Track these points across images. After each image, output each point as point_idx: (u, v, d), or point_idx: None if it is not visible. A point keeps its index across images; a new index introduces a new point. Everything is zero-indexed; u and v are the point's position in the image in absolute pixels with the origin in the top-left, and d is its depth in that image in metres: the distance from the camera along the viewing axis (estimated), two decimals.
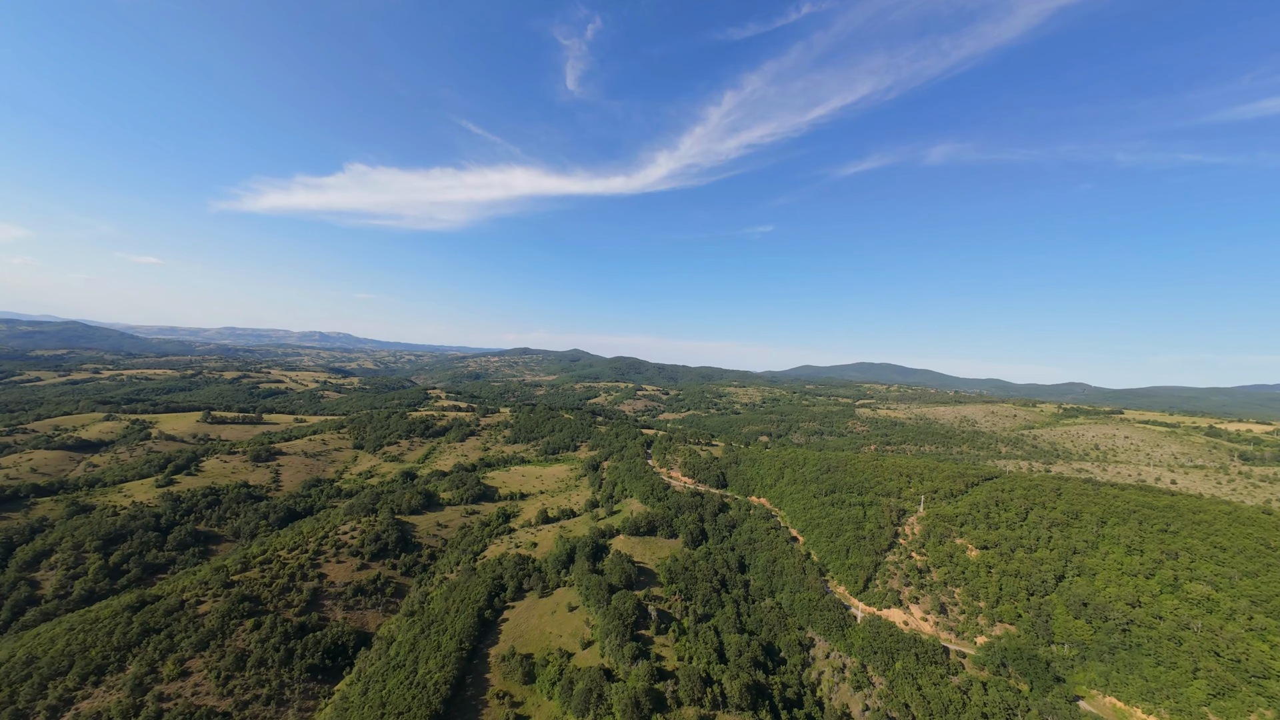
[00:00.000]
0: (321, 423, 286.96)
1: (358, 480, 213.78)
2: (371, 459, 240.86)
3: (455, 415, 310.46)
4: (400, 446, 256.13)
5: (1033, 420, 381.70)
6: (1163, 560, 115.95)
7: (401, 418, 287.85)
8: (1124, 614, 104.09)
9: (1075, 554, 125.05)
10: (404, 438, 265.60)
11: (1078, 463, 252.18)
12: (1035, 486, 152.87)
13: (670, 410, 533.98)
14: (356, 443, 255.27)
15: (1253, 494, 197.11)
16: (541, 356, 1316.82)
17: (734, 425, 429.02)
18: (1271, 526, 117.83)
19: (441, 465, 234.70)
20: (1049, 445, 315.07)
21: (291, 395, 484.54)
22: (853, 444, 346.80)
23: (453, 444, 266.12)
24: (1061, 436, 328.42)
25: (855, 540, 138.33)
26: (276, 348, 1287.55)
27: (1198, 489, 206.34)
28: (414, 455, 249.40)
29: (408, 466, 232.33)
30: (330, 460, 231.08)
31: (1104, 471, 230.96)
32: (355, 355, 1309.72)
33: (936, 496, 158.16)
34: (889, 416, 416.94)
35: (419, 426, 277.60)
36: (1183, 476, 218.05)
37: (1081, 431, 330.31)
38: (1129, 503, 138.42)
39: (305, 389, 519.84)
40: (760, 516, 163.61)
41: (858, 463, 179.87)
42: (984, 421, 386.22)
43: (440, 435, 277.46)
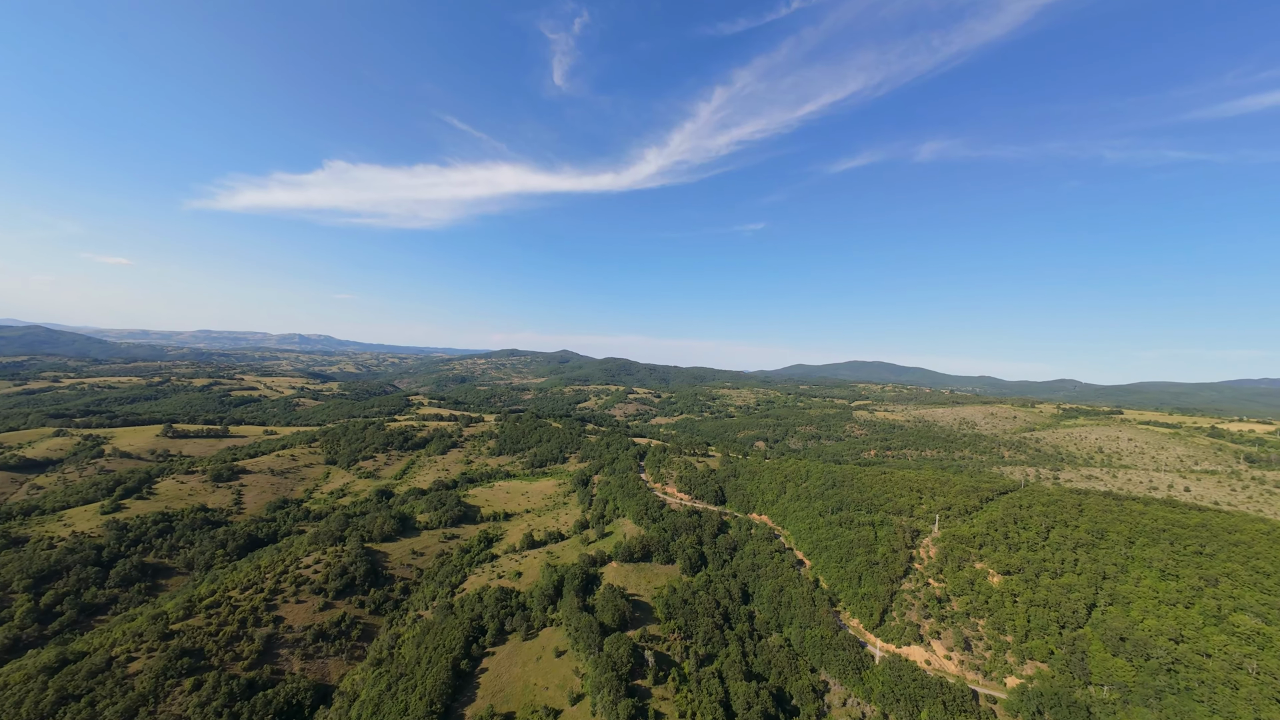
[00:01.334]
0: (293, 435, 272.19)
1: (328, 500, 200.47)
2: (345, 476, 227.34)
3: (437, 425, 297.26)
4: (377, 461, 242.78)
5: (1032, 422, 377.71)
6: (1202, 587, 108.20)
7: (379, 429, 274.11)
8: (1168, 651, 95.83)
9: (1105, 579, 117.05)
10: (381, 451, 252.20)
11: (1085, 468, 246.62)
12: (1055, 502, 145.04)
13: (663, 414, 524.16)
14: (329, 457, 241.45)
15: (1270, 502, 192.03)
16: (530, 358, 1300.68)
17: (729, 430, 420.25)
18: None
19: (420, 481, 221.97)
20: (1052, 449, 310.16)
21: (265, 403, 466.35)
22: (852, 449, 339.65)
23: (433, 457, 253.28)
24: (1063, 439, 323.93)
25: (868, 566, 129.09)
26: (254, 351, 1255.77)
27: (1212, 496, 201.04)
28: (391, 471, 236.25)
29: (384, 484, 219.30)
30: (299, 478, 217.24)
31: (1114, 478, 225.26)
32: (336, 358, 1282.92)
33: (950, 514, 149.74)
34: (887, 419, 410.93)
35: (397, 439, 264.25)
36: (1195, 483, 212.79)
37: (1084, 434, 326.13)
38: (1157, 520, 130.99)
39: (280, 396, 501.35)
40: (763, 537, 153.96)
41: (865, 477, 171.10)
42: (984, 424, 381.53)
43: (420, 448, 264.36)
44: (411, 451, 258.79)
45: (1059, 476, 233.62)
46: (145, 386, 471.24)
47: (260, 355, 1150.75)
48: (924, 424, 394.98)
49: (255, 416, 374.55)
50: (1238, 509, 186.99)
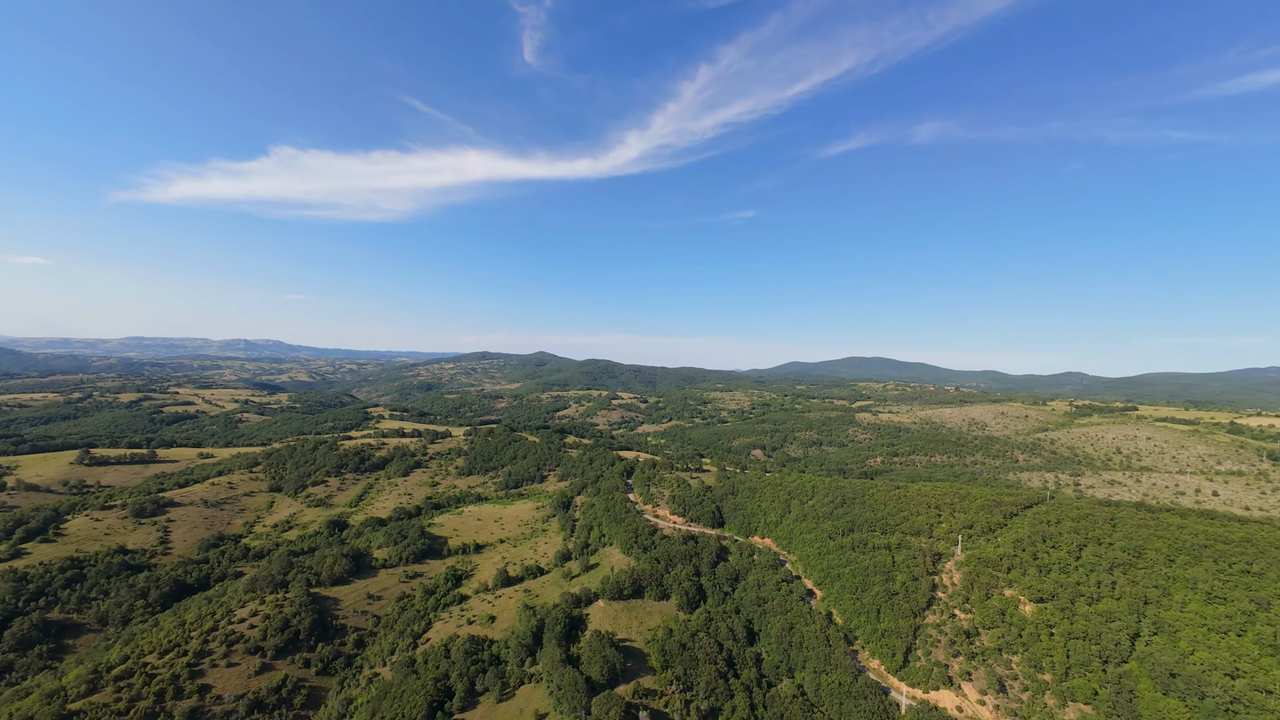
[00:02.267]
0: (232, 458, 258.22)
1: (271, 535, 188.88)
2: (291, 504, 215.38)
3: (399, 442, 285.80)
4: (329, 486, 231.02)
5: (1045, 421, 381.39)
6: (1254, 612, 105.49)
7: (331, 449, 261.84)
8: (1224, 689, 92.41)
9: (1148, 604, 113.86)
10: (334, 474, 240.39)
11: (1106, 472, 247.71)
12: (1086, 517, 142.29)
13: (650, 421, 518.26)
14: (274, 483, 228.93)
15: None
16: (503, 361, 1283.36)
17: (722, 437, 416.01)
18: None
19: (379, 509, 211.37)
20: (1068, 450, 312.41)
21: (203, 421, 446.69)
22: (856, 456, 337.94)
23: (394, 480, 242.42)
24: (1079, 439, 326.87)
25: (886, 597, 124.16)
26: (192, 360, 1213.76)
27: (1243, 500, 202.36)
28: (345, 497, 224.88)
29: (337, 512, 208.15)
30: (238, 509, 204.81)
31: (1138, 483, 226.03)
32: (287, 366, 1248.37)
33: (973, 532, 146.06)
34: (892, 421, 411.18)
35: (353, 459, 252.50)
36: (1222, 485, 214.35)
37: (1100, 434, 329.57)
38: (1197, 535, 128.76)
39: (221, 411, 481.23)
40: (767, 565, 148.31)
41: (876, 492, 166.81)
42: (994, 424, 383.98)
43: (379, 469, 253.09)
44: (369, 474, 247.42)
45: (1080, 482, 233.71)
46: (63, 404, 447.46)
47: (199, 364, 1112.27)
48: (931, 426, 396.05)
49: (190, 437, 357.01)
50: (1275, 516, 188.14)
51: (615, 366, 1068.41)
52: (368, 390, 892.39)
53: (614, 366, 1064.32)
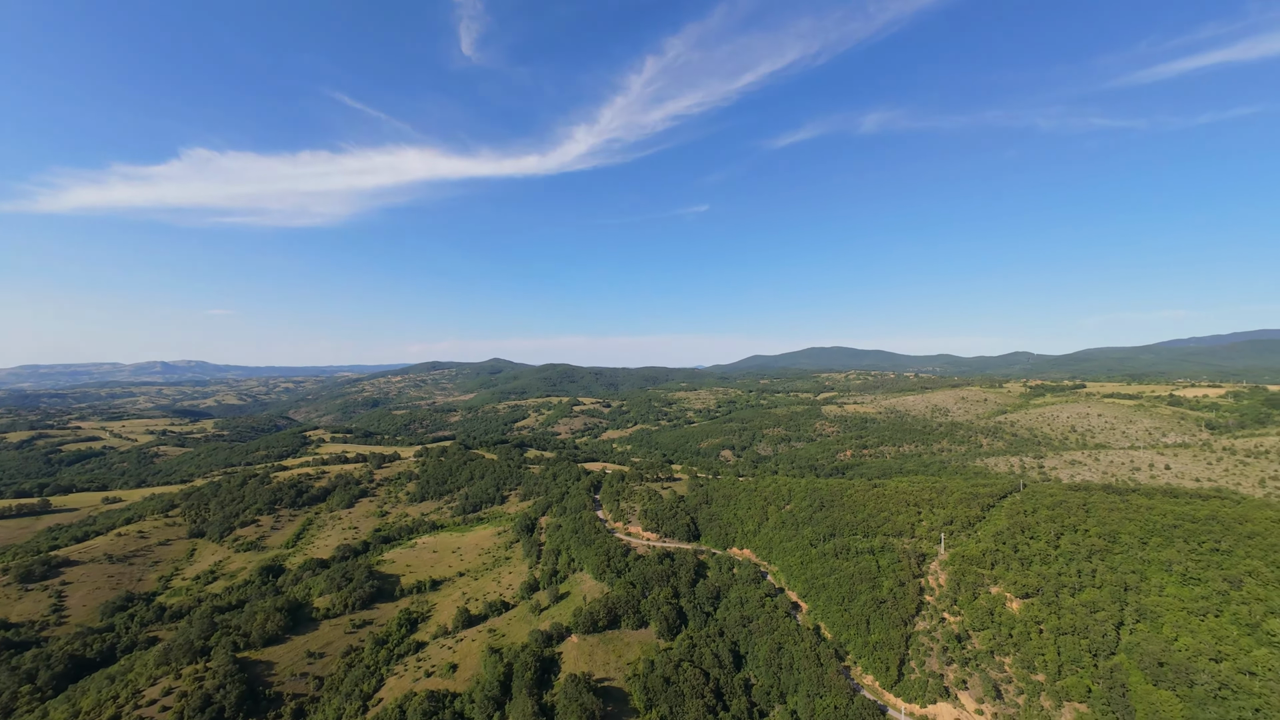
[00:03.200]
0: (144, 502, 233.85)
1: (193, 589, 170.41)
2: (217, 550, 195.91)
3: (341, 469, 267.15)
4: (260, 526, 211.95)
5: (1003, 403, 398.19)
6: (1228, 591, 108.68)
7: (263, 482, 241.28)
8: (1211, 675, 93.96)
9: (1128, 591, 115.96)
10: (267, 512, 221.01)
11: (1066, 452, 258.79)
12: (1060, 504, 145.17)
13: (614, 426, 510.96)
14: (195, 528, 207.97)
15: (1244, 473, 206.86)
16: (455, 371, 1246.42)
17: (690, 439, 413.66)
18: None
19: (320, 548, 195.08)
20: (1027, 432, 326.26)
21: (111, 458, 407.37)
22: (826, 450, 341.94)
23: (337, 512, 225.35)
24: (1036, 420, 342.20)
25: (874, 606, 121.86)
26: (99, 388, 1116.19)
27: (1193, 473, 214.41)
28: (281, 537, 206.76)
29: (270, 556, 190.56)
30: (151, 562, 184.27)
31: (1096, 462, 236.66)
32: (213, 389, 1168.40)
33: (953, 528, 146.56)
34: (858, 412, 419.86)
35: (288, 493, 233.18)
36: (1173, 459, 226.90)
37: (1055, 413, 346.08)
38: (1166, 515, 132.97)
39: (133, 445, 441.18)
40: (749, 579, 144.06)
41: (855, 494, 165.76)
42: (956, 410, 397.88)
43: (320, 501, 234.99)
44: (308, 508, 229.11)
45: (1044, 465, 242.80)
46: None
47: (108, 393, 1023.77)
48: (897, 415, 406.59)
49: (95, 478, 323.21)
50: (1222, 485, 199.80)
51: (575, 370, 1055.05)
52: (307, 410, 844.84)
53: (574, 370, 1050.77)
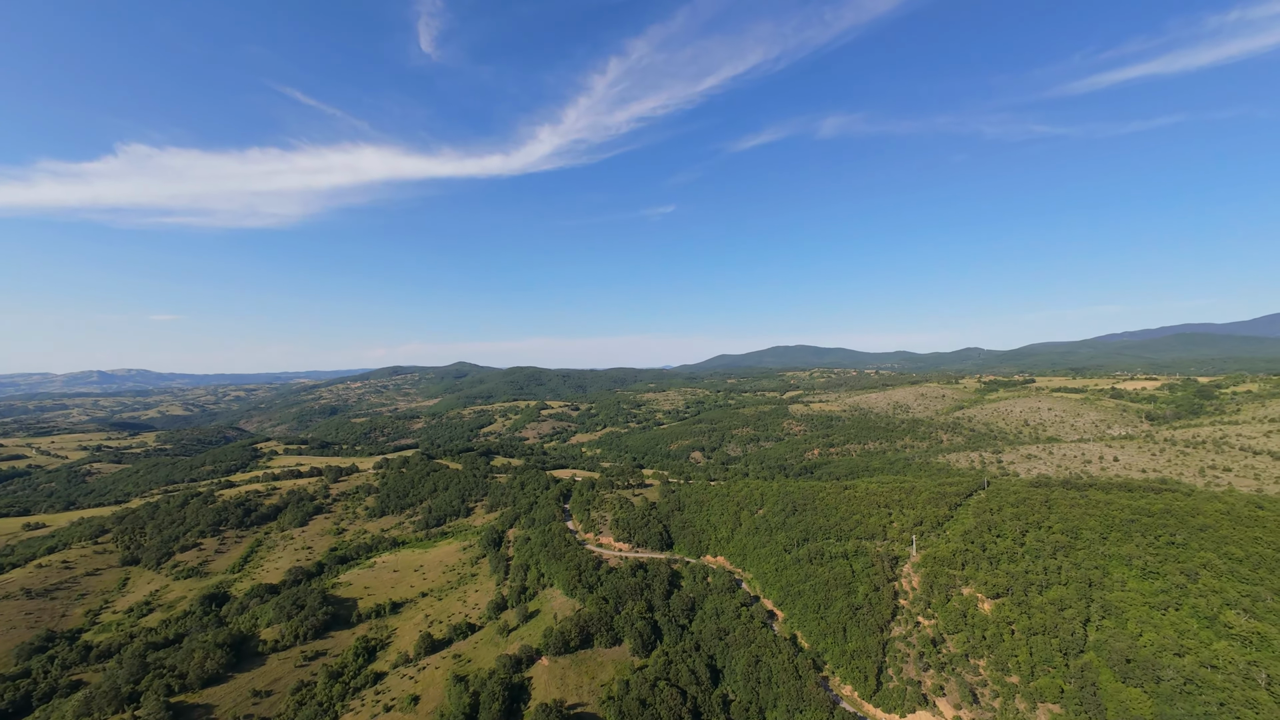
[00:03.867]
0: (70, 528, 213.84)
1: (124, 624, 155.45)
2: (153, 579, 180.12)
3: (294, 485, 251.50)
4: (203, 550, 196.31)
5: (960, 399, 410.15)
6: (1186, 585, 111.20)
7: (207, 502, 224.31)
8: (1176, 669, 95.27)
9: (1092, 586, 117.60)
10: (210, 534, 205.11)
11: (1022, 446, 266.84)
12: (1023, 501, 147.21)
13: (583, 430, 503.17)
14: (129, 555, 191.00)
15: (1185, 463, 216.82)
16: (418, 375, 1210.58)
17: (660, 441, 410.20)
18: (1275, 525, 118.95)
19: (269, 572, 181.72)
20: (984, 427, 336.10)
21: (37, 477, 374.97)
22: (794, 450, 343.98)
23: (289, 532, 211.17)
24: (992, 415, 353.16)
25: (850, 613, 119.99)
26: (26, 400, 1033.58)
27: (1140, 464, 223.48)
28: (226, 561, 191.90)
29: (214, 583, 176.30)
30: (77, 595, 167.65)
31: (1050, 455, 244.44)
32: (155, 399, 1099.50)
33: (923, 528, 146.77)
34: (824, 411, 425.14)
35: (235, 513, 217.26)
36: (1120, 451, 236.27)
37: (1008, 408, 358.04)
38: (1123, 510, 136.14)
39: (63, 463, 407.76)
40: (724, 588, 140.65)
41: (826, 496, 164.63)
42: (916, 406, 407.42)
43: (270, 520, 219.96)
44: (257, 528, 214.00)
45: (1002, 459, 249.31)
46: None
47: (36, 405, 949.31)
48: (861, 412, 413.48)
49: (16, 501, 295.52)
50: (1166, 476, 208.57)
51: (542, 373, 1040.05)
52: (259, 420, 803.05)
53: (541, 373, 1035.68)
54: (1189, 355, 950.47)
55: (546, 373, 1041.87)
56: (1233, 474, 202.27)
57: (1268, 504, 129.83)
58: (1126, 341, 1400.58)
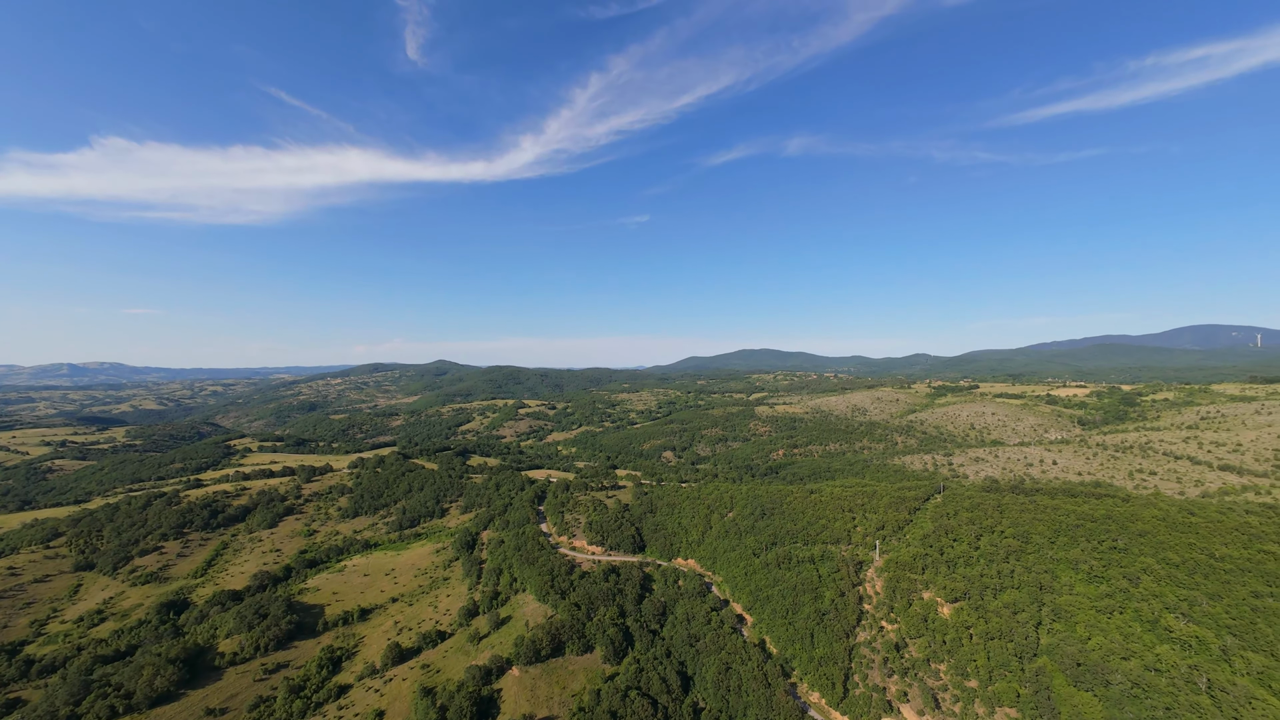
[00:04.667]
0: (20, 530, 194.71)
1: (73, 634, 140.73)
2: (109, 585, 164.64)
3: (265, 485, 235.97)
4: (164, 554, 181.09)
5: (913, 403, 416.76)
6: (1129, 589, 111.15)
7: (171, 503, 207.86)
8: (1124, 674, 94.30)
9: (1043, 590, 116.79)
10: (173, 537, 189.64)
11: (970, 450, 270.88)
12: (977, 506, 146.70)
13: (559, 429, 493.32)
14: (83, 559, 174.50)
15: (1116, 467, 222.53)
16: (399, 373, 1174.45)
17: (633, 441, 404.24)
18: (1206, 531, 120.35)
19: (234, 577, 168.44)
20: (935, 430, 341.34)
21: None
22: (760, 450, 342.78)
23: (257, 533, 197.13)
24: (941, 419, 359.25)
25: (818, 619, 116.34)
26: None
27: (1076, 467, 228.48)
28: (189, 565, 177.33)
29: (174, 588, 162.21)
30: (22, 603, 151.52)
31: (996, 458, 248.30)
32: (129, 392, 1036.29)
33: (885, 532, 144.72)
34: (788, 413, 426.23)
35: (200, 514, 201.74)
36: (1059, 455, 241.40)
37: (956, 412, 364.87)
38: (1068, 515, 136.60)
39: (23, 459, 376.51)
40: (695, 592, 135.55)
41: (793, 501, 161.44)
42: (873, 409, 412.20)
43: (238, 521, 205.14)
44: (223, 529, 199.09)
45: (953, 462, 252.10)
46: None
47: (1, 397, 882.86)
48: (822, 414, 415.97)
49: None
50: (1100, 479, 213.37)
51: (521, 372, 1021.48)
52: (236, 415, 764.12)
53: (519, 372, 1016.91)
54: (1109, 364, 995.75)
55: (525, 372, 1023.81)
56: (1158, 477, 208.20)
57: (1198, 511, 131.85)
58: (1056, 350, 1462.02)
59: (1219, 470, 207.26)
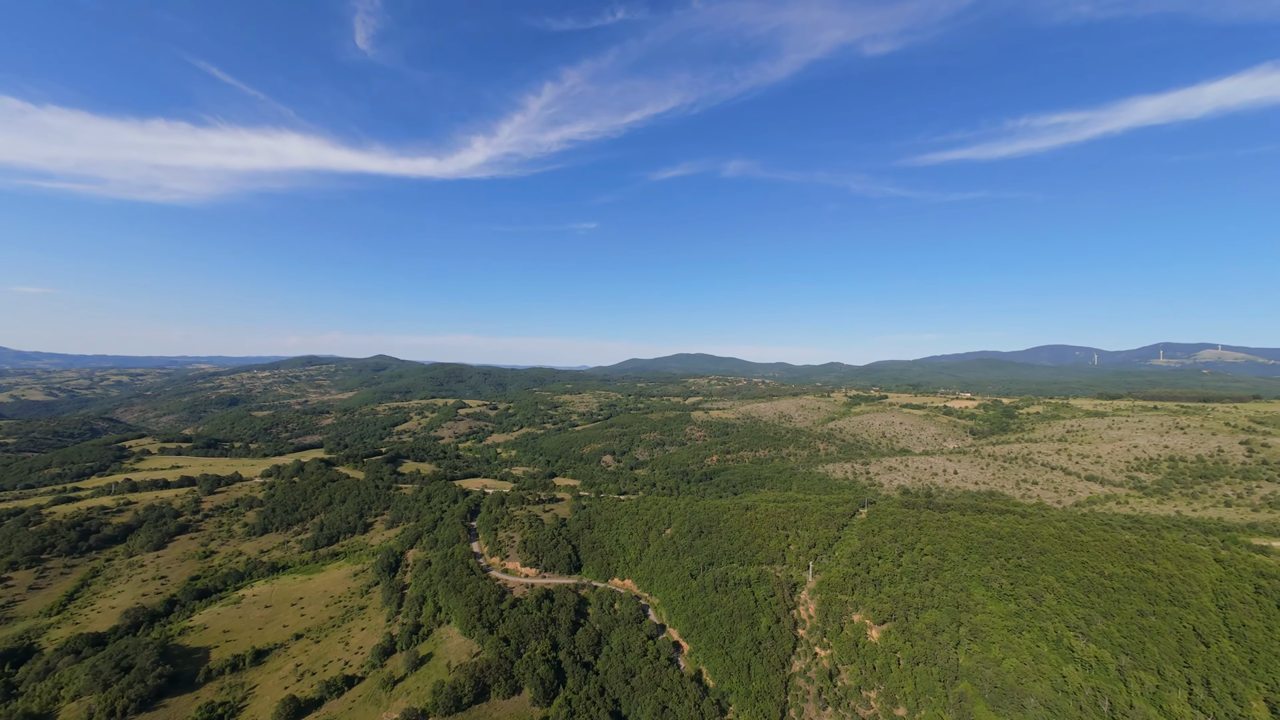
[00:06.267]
0: None
1: None
2: None
3: (156, 497, 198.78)
4: (11, 586, 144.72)
5: (832, 411, 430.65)
6: (1035, 607, 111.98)
7: (27, 522, 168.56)
8: (1037, 697, 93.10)
9: (960, 609, 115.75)
10: (27, 565, 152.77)
11: (885, 459, 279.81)
12: (899, 523, 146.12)
13: (500, 430, 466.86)
14: None
15: (1005, 476, 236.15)
16: (334, 367, 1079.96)
17: (574, 444, 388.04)
18: (1096, 550, 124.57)
19: (101, 614, 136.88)
20: (852, 438, 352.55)
21: None
22: (695, 455, 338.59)
23: (140, 557, 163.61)
24: (857, 427, 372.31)
25: (754, 649, 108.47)
26: None
27: (974, 477, 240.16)
28: (43, 600, 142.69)
29: (16, 631, 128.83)
30: None
31: (906, 467, 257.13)
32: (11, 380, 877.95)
33: (816, 550, 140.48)
34: (721, 418, 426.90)
35: (67, 535, 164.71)
36: (959, 465, 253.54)
37: (870, 421, 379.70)
38: (978, 532, 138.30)
39: None
40: (631, 618, 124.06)
41: (730, 518, 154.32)
42: (798, 416, 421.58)
43: (116, 543, 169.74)
44: (95, 554, 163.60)
45: (870, 471, 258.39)
46: None
47: None
48: (752, 420, 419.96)
49: None
50: (994, 489, 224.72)
51: (464, 369, 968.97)
52: (141, 410, 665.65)
53: (463, 369, 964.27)
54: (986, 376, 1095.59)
55: (468, 369, 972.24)
56: (1039, 487, 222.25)
57: (1086, 529, 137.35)
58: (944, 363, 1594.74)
59: (1086, 480, 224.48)
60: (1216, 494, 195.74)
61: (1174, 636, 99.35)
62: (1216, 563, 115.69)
